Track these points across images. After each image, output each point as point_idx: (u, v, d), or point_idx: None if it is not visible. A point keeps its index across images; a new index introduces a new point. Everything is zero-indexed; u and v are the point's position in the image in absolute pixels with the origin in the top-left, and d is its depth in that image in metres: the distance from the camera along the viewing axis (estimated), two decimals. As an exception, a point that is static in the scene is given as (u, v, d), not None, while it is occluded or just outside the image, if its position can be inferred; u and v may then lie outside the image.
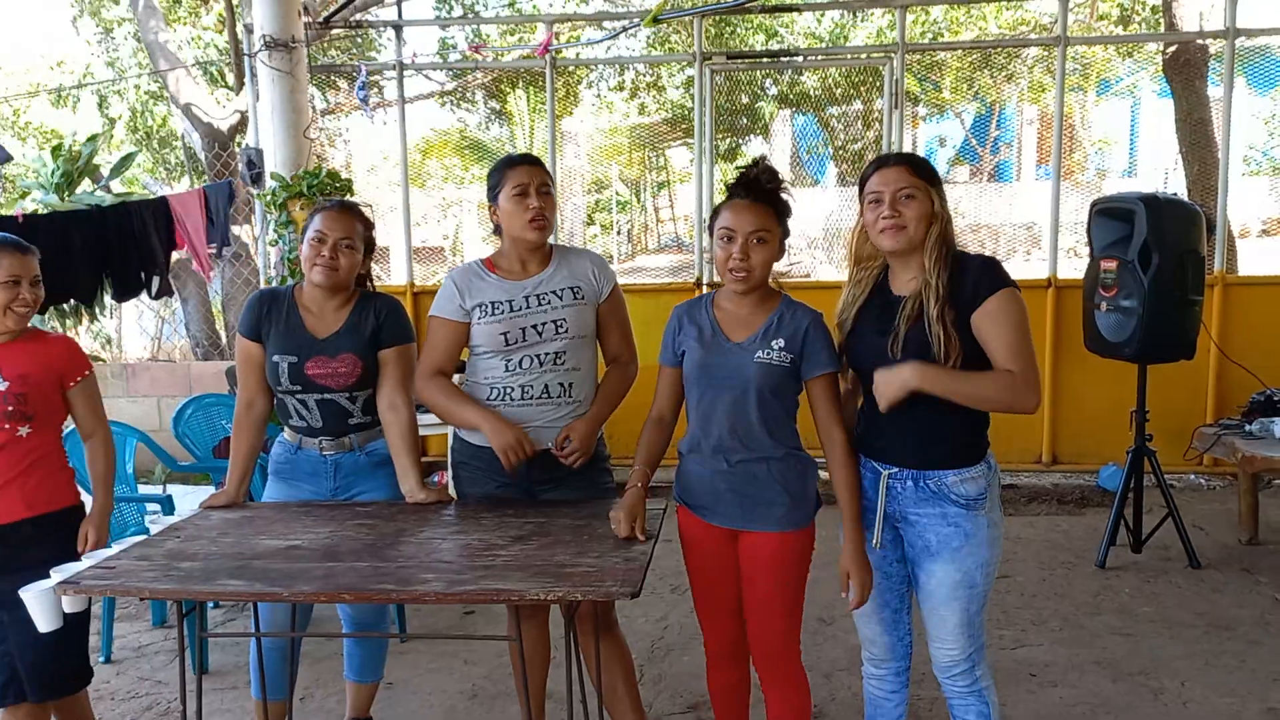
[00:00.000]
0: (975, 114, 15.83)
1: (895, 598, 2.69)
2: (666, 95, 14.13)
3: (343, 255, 2.99)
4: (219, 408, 4.99)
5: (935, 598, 2.57)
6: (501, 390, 2.93)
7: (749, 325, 2.65)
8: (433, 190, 15.49)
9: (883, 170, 2.51)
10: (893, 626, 2.71)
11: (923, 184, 2.48)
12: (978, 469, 2.51)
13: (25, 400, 2.82)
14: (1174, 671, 3.84)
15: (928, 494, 2.52)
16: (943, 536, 2.52)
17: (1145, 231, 4.72)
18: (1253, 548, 5.20)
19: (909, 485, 2.54)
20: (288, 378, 3.00)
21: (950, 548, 2.51)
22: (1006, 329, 2.41)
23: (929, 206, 2.48)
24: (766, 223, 2.59)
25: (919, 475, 2.52)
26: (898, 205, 2.47)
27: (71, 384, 2.96)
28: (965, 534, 2.50)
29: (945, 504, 2.50)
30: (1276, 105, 14.41)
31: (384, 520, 2.88)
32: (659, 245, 18.38)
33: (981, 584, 2.55)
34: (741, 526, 2.68)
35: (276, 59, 6.03)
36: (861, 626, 2.75)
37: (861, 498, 2.63)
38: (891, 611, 2.70)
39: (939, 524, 2.52)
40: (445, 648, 4.16)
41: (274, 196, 5.67)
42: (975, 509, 2.50)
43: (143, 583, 2.48)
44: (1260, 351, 5.82)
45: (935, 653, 2.63)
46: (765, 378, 2.59)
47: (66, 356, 2.95)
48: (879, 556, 2.65)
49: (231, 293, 7.83)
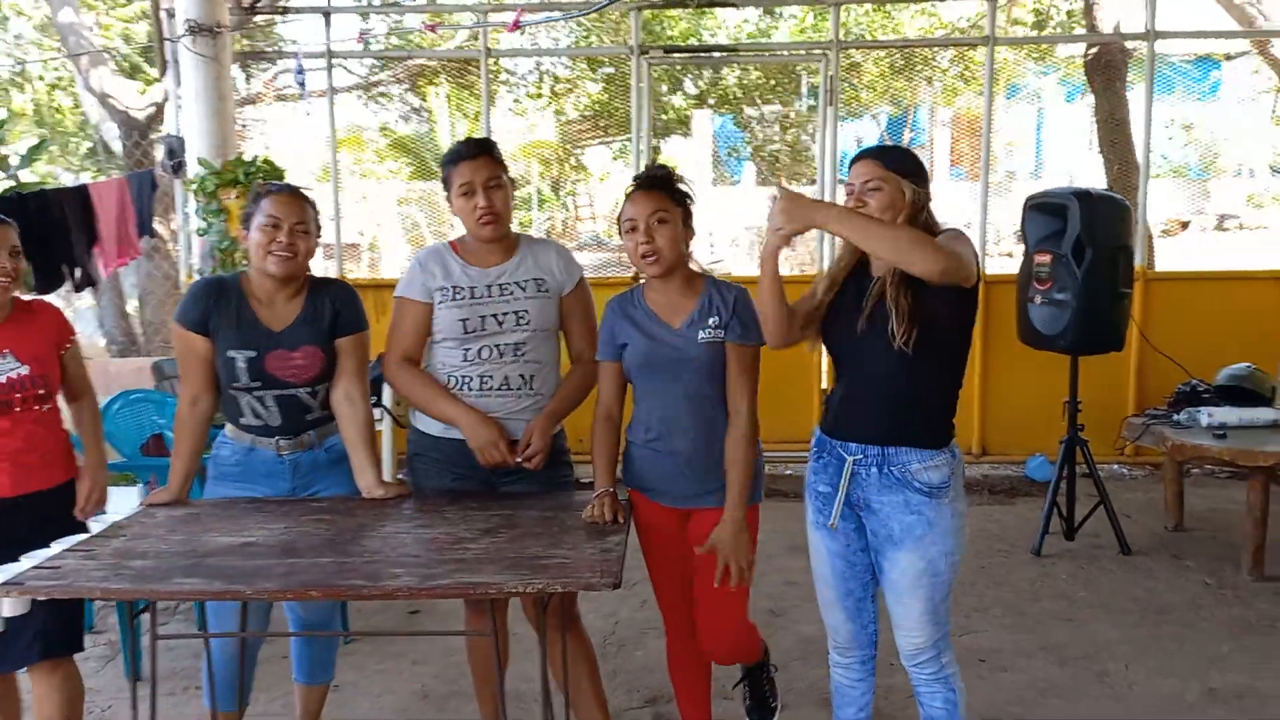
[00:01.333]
0: (890, 116, 16.12)
1: (859, 586, 2.69)
2: (587, 92, 14.07)
3: (299, 240, 2.85)
4: (146, 404, 4.79)
5: (899, 586, 2.58)
6: (460, 379, 2.86)
7: (682, 309, 2.71)
8: (349, 186, 15.19)
9: (855, 164, 2.57)
10: (856, 615, 2.71)
11: (891, 175, 2.52)
12: (941, 456, 2.53)
13: (47, 381, 2.89)
14: (1117, 655, 3.93)
15: (891, 481, 2.53)
16: (906, 525, 2.53)
17: (1079, 226, 4.82)
18: (1179, 534, 5.35)
19: (873, 471, 2.55)
20: (247, 375, 2.84)
21: (913, 536, 2.53)
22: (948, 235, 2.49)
23: (897, 196, 2.51)
24: (663, 204, 2.68)
25: (884, 460, 2.53)
26: (864, 196, 2.52)
27: (65, 348, 2.98)
28: (928, 522, 2.52)
29: (908, 491, 2.52)
30: (1174, 110, 14.91)
31: (341, 515, 2.78)
32: (579, 244, 18.31)
33: (946, 573, 2.56)
34: (695, 505, 2.75)
35: (200, 44, 5.82)
36: (826, 616, 2.76)
37: (823, 484, 2.65)
38: (855, 600, 2.70)
39: (902, 512, 2.53)
40: (392, 647, 4.05)
41: (203, 184, 5.47)
42: (939, 497, 2.52)
43: (92, 582, 2.35)
44: (1179, 344, 5.99)
45: (901, 641, 2.64)
46: (711, 356, 2.68)
47: (58, 322, 2.98)
48: (842, 545, 2.66)
49: (149, 287, 7.55)
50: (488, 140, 2.97)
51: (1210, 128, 16.03)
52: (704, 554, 2.68)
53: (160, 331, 7.79)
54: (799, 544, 2.92)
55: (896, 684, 3.54)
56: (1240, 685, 3.67)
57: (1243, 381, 5.17)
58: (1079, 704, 3.57)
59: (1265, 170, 16.47)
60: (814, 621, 4.12)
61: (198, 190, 5.51)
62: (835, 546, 2.66)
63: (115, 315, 8.62)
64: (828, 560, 2.69)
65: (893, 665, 3.05)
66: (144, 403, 4.81)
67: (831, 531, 2.65)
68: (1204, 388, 5.27)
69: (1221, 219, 16.25)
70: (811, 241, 7.72)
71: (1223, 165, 16.63)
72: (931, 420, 2.55)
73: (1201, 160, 16.65)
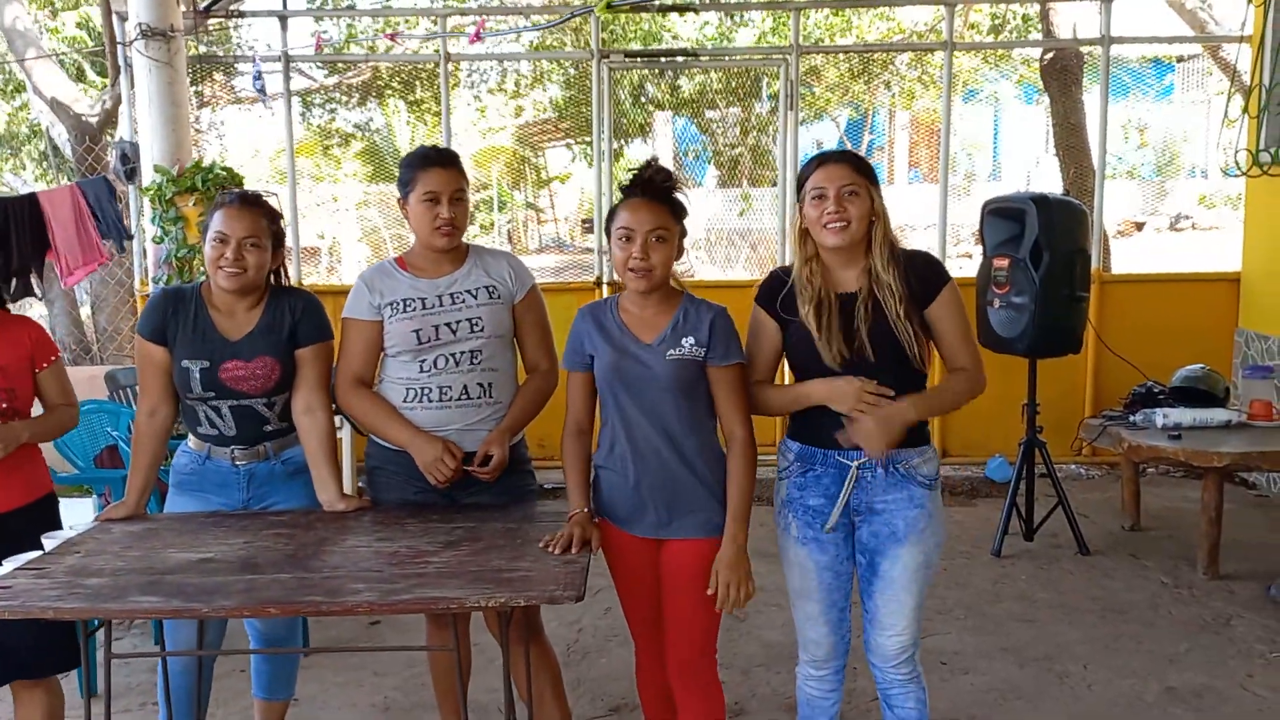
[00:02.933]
0: (849, 118, 16.23)
1: (842, 597, 2.69)
2: (547, 94, 14.04)
3: (249, 254, 2.80)
4: (100, 414, 4.71)
5: (898, 583, 2.58)
6: (419, 391, 2.83)
7: (655, 326, 2.61)
8: (305, 191, 15.05)
9: (826, 166, 2.51)
10: (838, 627, 2.71)
11: (865, 182, 2.50)
12: (929, 449, 2.60)
13: (14, 395, 2.79)
14: (1076, 656, 3.97)
15: (897, 478, 2.55)
16: (910, 520, 2.55)
17: (1036, 230, 4.86)
18: (1136, 534, 5.42)
19: (879, 473, 2.55)
20: (200, 384, 2.81)
21: (916, 530, 2.55)
22: (960, 320, 2.57)
23: (870, 204, 2.50)
24: (664, 220, 2.55)
25: (889, 460, 2.53)
26: (842, 202, 2.48)
27: (42, 367, 2.87)
28: (929, 514, 2.57)
29: (912, 486, 2.55)
30: (1128, 113, 15.13)
31: (301, 529, 2.75)
32: (540, 245, 18.28)
33: (935, 565, 2.64)
34: (666, 535, 2.63)
35: (154, 49, 5.74)
36: (808, 630, 2.72)
37: (814, 497, 2.62)
38: (838, 611, 2.70)
39: (907, 507, 2.55)
40: (352, 660, 4.01)
41: (159, 191, 5.39)
42: (934, 488, 2.59)
43: (45, 602, 2.30)
44: (1134, 346, 6.07)
45: (885, 642, 2.62)
46: (680, 375, 2.55)
47: (36, 339, 2.88)
48: (831, 557, 2.64)
49: (103, 295, 7.43)
50: (454, 152, 2.95)
51: (1164, 130, 16.30)
52: (704, 588, 2.57)
53: (115, 339, 7.68)
54: (761, 549, 2.92)
55: (860, 688, 3.56)
56: (1198, 684, 3.72)
57: (1197, 383, 5.24)
58: (1040, 705, 3.60)
59: (1217, 171, 16.79)
60: (776, 627, 4.16)
61: (154, 197, 5.43)
62: (825, 559, 2.64)
63: (68, 323, 8.47)
64: (816, 575, 2.65)
65: (856, 670, 3.06)
66: (98, 413, 4.73)
67: (822, 545, 2.62)
68: (1159, 389, 5.34)
69: (1175, 219, 16.51)
70: (774, 246, 7.74)
71: (1176, 166, 16.91)
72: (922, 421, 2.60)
73: (1155, 162, 16.91)
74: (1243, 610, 4.35)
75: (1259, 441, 4.74)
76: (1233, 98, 6.35)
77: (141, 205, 6.00)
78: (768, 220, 11.69)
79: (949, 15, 6.55)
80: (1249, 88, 5.65)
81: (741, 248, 13.16)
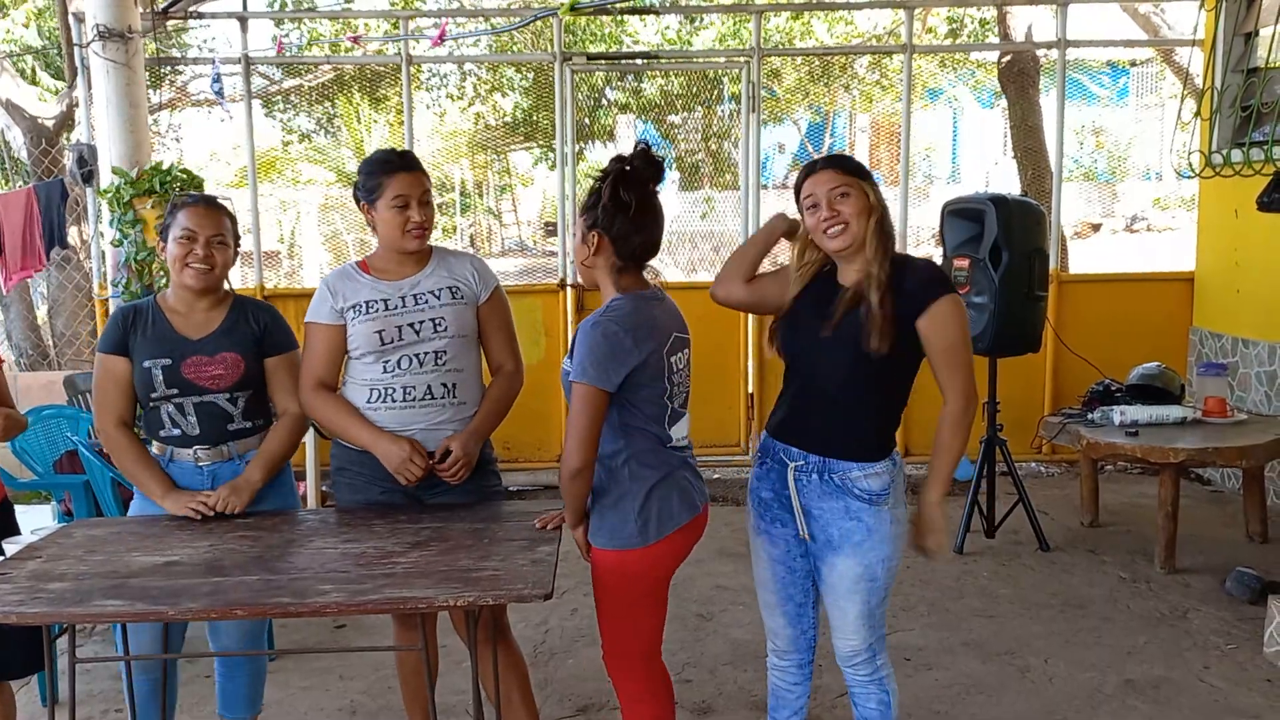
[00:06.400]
0: (810, 121, 16.33)
1: (799, 592, 2.71)
2: (509, 98, 13.99)
3: (216, 252, 2.83)
4: (60, 420, 4.65)
5: (837, 591, 2.61)
6: (382, 392, 2.83)
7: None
8: (264, 195, 14.93)
9: (813, 175, 2.54)
10: (796, 620, 2.73)
11: (855, 180, 2.51)
12: (882, 465, 2.55)
13: None
14: (1037, 650, 4.02)
15: (832, 487, 2.55)
16: (844, 530, 2.55)
17: (995, 231, 4.93)
18: (1094, 530, 5.50)
19: (814, 478, 2.56)
20: (163, 382, 2.81)
21: (851, 542, 2.55)
22: (952, 335, 2.49)
23: (865, 200, 2.50)
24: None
25: (824, 468, 2.55)
26: (835, 204, 2.49)
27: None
28: (868, 529, 2.54)
29: (848, 498, 2.54)
30: (1084, 116, 15.35)
31: (267, 531, 2.74)
32: (503, 249, 18.24)
33: (883, 578, 2.59)
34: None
35: (111, 50, 5.68)
36: (767, 618, 2.77)
37: (765, 489, 2.67)
38: (795, 605, 2.72)
39: (841, 518, 2.55)
40: (318, 664, 3.98)
41: (118, 194, 5.33)
42: (878, 504, 2.54)
43: (7, 607, 2.28)
44: (1092, 345, 6.15)
45: (837, 644, 2.67)
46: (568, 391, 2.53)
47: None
48: (782, 551, 2.68)
49: (61, 299, 7.34)
50: (414, 154, 2.96)
51: (1119, 132, 16.54)
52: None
53: (73, 344, 7.58)
54: (728, 549, 2.96)
55: (825, 684, 3.59)
56: (1155, 676, 3.78)
57: (1153, 380, 5.33)
58: (1002, 699, 3.65)
59: (1171, 173, 17.05)
60: (744, 625, 4.19)
61: (112, 200, 5.37)
62: (776, 553, 2.68)
63: (24, 327, 8.35)
64: (769, 566, 2.70)
65: (822, 666, 3.08)
66: (57, 419, 4.68)
67: (772, 538, 2.66)
68: (1116, 387, 5.42)
69: (1131, 221, 16.76)
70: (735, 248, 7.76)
71: (1124, 171, 17.16)
72: (874, 434, 2.56)
73: (1110, 164, 17.15)
74: (1199, 604, 4.43)
75: (1214, 438, 4.83)
76: (1185, 101, 6.47)
77: (99, 208, 5.93)
78: (730, 223, 11.74)
79: (908, 18, 6.62)
80: (1201, 91, 5.75)
81: (704, 250, 13.20)
